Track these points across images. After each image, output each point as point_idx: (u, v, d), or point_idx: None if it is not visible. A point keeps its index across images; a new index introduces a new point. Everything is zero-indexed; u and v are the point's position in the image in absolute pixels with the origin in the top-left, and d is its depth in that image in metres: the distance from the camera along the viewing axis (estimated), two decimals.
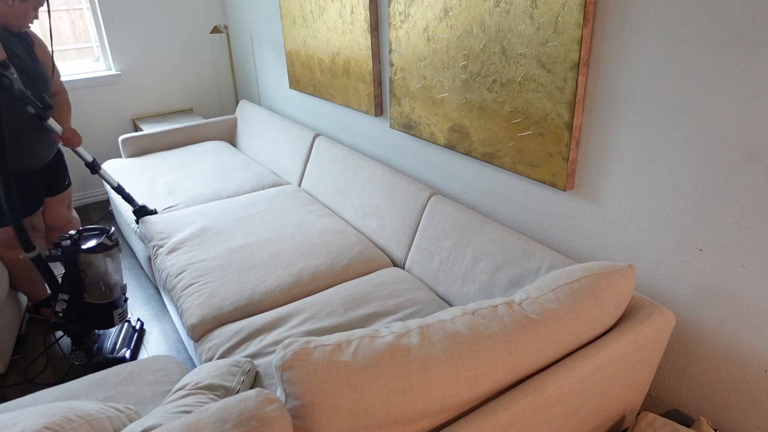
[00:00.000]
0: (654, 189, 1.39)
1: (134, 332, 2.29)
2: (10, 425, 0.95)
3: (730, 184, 1.24)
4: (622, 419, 1.37)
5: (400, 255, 2.04)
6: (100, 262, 2.01)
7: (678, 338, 1.45)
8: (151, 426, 0.95)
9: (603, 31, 1.38)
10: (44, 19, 3.38)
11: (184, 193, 2.67)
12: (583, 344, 1.16)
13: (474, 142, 1.83)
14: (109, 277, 2.05)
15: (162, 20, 3.64)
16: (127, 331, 2.28)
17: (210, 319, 1.74)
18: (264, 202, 2.49)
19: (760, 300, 1.25)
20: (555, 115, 1.52)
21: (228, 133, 3.60)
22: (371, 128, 2.48)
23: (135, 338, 2.26)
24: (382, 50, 2.24)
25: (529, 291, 1.19)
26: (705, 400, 1.44)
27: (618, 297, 1.18)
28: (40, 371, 2.12)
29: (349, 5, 2.30)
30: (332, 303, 1.75)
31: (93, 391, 1.43)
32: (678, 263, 1.39)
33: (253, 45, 3.56)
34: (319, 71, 2.70)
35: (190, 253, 2.06)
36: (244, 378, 1.36)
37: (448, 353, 0.97)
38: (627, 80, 1.37)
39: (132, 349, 2.19)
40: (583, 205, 1.58)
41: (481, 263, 1.68)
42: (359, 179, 2.30)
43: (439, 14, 1.82)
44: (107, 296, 2.06)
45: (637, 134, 1.39)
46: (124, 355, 2.14)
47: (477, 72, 1.74)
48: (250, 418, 0.81)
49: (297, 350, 0.91)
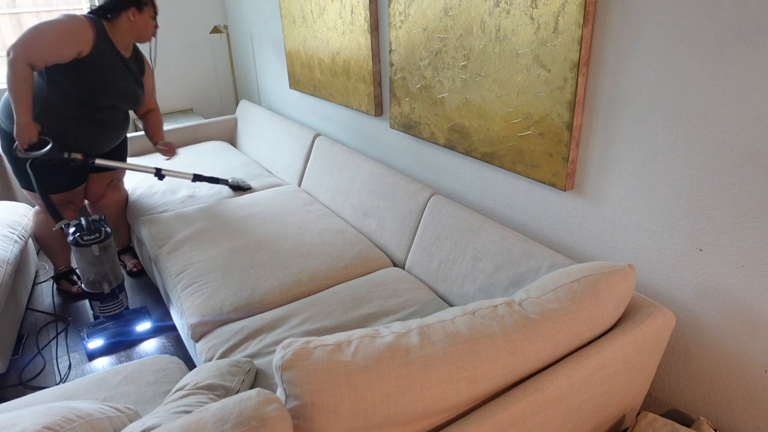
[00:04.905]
0: (654, 189, 1.39)
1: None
2: (10, 425, 0.95)
3: (730, 184, 1.24)
4: (622, 419, 1.37)
5: (400, 255, 2.04)
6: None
7: (678, 338, 1.45)
8: (151, 426, 0.95)
9: (603, 31, 1.39)
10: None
11: (185, 193, 2.67)
12: (583, 344, 1.16)
13: (474, 142, 1.83)
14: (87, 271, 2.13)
15: (162, 20, 3.64)
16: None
17: (210, 319, 1.74)
18: (264, 202, 2.49)
19: (760, 300, 1.25)
20: (555, 115, 1.52)
21: (228, 133, 3.60)
22: (371, 128, 2.48)
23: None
24: (382, 50, 2.24)
25: (529, 291, 1.19)
26: (705, 400, 1.44)
27: (618, 297, 1.18)
28: (37, 373, 2.12)
29: (349, 5, 2.30)
30: (332, 303, 1.75)
31: (93, 391, 1.43)
32: (678, 263, 1.39)
33: (253, 45, 3.56)
34: (319, 71, 2.70)
35: (190, 253, 2.06)
36: (244, 378, 1.36)
37: (448, 353, 0.97)
38: (627, 80, 1.37)
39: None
40: (583, 205, 1.58)
41: (481, 263, 1.68)
42: (359, 179, 2.30)
43: (439, 14, 1.82)
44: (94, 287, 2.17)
45: (637, 134, 1.39)
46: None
47: (477, 72, 1.74)
48: (250, 418, 0.81)
49: (297, 350, 0.92)
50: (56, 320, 2.43)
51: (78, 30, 2.09)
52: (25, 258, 2.54)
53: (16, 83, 2.03)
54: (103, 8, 2.20)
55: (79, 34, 2.10)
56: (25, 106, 2.07)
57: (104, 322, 2.24)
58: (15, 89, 2.04)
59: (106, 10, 2.20)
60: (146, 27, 2.25)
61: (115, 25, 2.21)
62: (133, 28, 2.23)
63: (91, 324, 2.25)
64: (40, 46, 2.02)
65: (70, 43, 2.08)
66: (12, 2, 3.43)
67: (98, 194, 2.58)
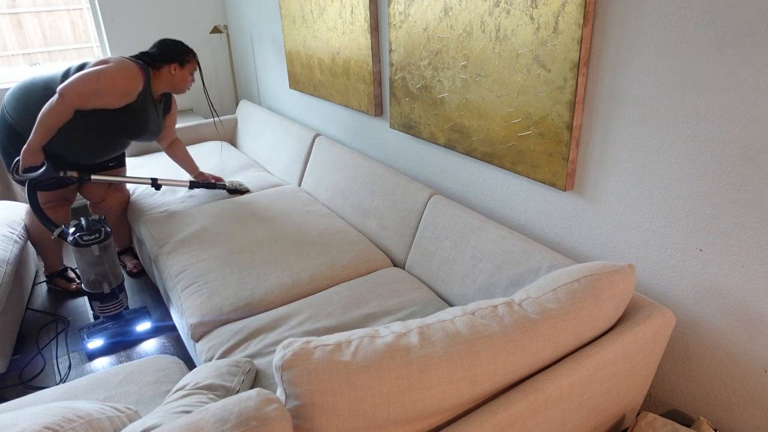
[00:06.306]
0: (654, 189, 1.39)
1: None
2: (10, 425, 0.95)
3: (730, 184, 1.24)
4: (622, 419, 1.37)
5: (400, 255, 2.04)
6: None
7: (678, 338, 1.45)
8: (151, 426, 0.95)
9: (603, 31, 1.38)
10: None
11: (185, 193, 2.67)
12: (583, 344, 1.16)
13: (474, 142, 1.83)
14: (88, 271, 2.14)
15: (162, 20, 3.64)
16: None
17: (210, 319, 1.74)
18: (264, 202, 2.49)
19: (760, 300, 1.25)
20: (555, 115, 1.52)
21: (228, 133, 3.60)
22: (371, 128, 2.48)
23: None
24: (382, 50, 2.24)
25: (529, 291, 1.19)
26: (705, 400, 1.44)
27: (618, 297, 1.18)
28: (37, 373, 2.12)
29: (349, 5, 2.30)
30: (332, 303, 1.75)
31: (93, 391, 1.43)
32: (678, 263, 1.39)
33: (253, 45, 3.56)
34: (319, 71, 2.70)
35: (190, 253, 2.06)
36: (244, 378, 1.36)
37: (448, 353, 0.97)
38: (627, 80, 1.37)
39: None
40: (583, 205, 1.58)
41: (481, 263, 1.68)
42: (359, 179, 2.30)
43: (439, 14, 1.82)
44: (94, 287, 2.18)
45: (637, 134, 1.39)
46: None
47: (477, 72, 1.74)
48: (250, 418, 0.81)
49: (297, 350, 0.91)
50: (56, 320, 2.43)
51: (134, 85, 2.14)
52: (25, 258, 2.54)
53: (52, 119, 2.06)
54: (151, 57, 2.25)
55: (134, 90, 2.15)
56: (47, 136, 2.10)
57: (104, 322, 2.24)
58: (48, 122, 2.06)
59: (154, 59, 2.25)
60: (184, 81, 2.32)
61: (156, 75, 2.27)
62: (172, 80, 2.29)
63: (91, 324, 2.25)
64: (96, 98, 2.06)
65: (124, 97, 2.12)
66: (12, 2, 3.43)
67: (101, 195, 2.59)
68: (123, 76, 2.10)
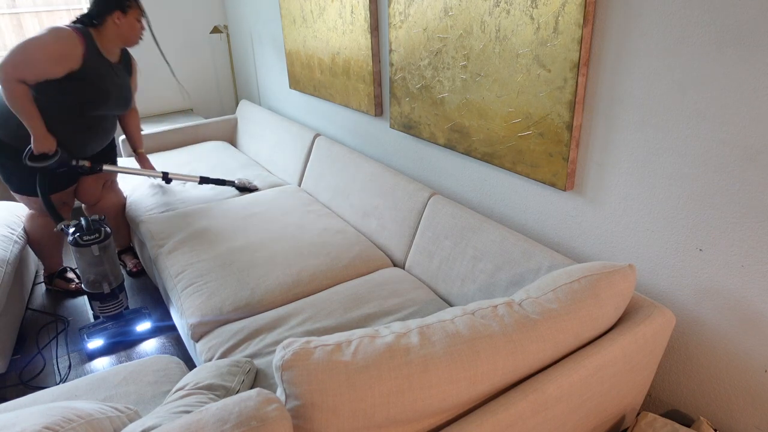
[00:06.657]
0: (654, 189, 1.39)
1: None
2: (10, 425, 0.95)
3: (730, 184, 1.24)
4: (622, 419, 1.37)
5: (400, 255, 2.04)
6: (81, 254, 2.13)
7: (678, 338, 1.45)
8: (151, 426, 0.95)
9: (603, 31, 1.38)
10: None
11: (185, 193, 2.67)
12: (583, 344, 1.16)
13: (474, 142, 1.83)
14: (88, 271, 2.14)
15: (162, 20, 3.64)
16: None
17: (210, 319, 1.74)
18: (264, 202, 2.49)
19: (760, 300, 1.25)
20: (555, 115, 1.52)
21: (228, 134, 3.60)
22: (371, 128, 2.48)
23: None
24: (382, 50, 2.24)
25: (529, 291, 1.19)
26: (705, 400, 1.44)
27: (618, 297, 1.18)
28: (37, 373, 2.12)
29: (349, 5, 2.30)
30: (332, 303, 1.75)
31: (93, 391, 1.43)
32: (678, 263, 1.39)
33: (253, 45, 3.56)
34: (319, 71, 2.70)
35: (190, 253, 2.06)
36: (244, 378, 1.36)
37: (448, 353, 0.97)
38: (627, 80, 1.37)
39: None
40: (583, 205, 1.58)
41: (481, 263, 1.68)
42: (359, 179, 2.30)
43: (439, 14, 1.82)
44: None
45: (637, 134, 1.39)
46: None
47: (477, 72, 1.74)
48: (250, 418, 0.81)
49: (297, 350, 0.91)
50: (56, 320, 2.43)
51: (68, 48, 2.07)
52: (25, 258, 2.54)
53: (15, 101, 2.01)
54: (88, 15, 2.18)
55: (70, 53, 2.07)
56: (35, 120, 2.06)
57: (104, 322, 2.24)
58: (17, 107, 2.02)
59: (91, 17, 2.17)
60: (132, 30, 2.22)
61: (101, 32, 2.19)
62: (119, 32, 2.20)
63: (91, 324, 2.25)
64: (30, 66, 2.00)
65: (60, 63, 2.05)
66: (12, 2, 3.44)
67: (95, 197, 2.57)
68: (52, 41, 2.03)
